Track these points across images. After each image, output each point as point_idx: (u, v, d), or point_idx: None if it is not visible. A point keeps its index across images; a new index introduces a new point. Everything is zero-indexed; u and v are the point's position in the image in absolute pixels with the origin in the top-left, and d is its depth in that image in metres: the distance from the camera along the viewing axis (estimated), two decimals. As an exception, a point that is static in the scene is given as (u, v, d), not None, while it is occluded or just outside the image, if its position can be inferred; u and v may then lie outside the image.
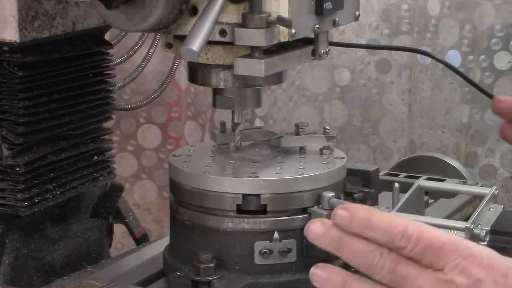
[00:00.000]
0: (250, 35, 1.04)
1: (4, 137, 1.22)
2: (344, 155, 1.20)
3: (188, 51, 1.00)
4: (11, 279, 1.25)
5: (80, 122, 1.31)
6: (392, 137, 1.94)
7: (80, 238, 1.37)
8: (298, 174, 1.12)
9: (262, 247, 1.10)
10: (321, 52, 1.16)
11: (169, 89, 1.98)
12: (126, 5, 1.05)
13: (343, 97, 1.95)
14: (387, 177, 1.42)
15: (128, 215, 1.50)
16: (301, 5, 1.07)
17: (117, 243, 1.98)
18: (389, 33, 1.88)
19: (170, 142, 2.16)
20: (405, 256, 0.83)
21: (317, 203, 1.12)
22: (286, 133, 1.24)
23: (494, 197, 1.28)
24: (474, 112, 1.85)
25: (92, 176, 1.35)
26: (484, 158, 1.87)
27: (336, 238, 0.85)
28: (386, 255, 0.83)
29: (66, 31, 1.26)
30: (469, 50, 1.82)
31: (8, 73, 1.20)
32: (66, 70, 1.28)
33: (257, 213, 1.11)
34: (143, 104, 1.66)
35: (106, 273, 1.22)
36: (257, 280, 1.11)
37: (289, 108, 1.97)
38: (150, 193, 2.19)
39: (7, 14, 1.18)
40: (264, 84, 1.15)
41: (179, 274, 1.12)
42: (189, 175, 1.14)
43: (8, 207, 1.23)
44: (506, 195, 1.86)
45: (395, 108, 1.92)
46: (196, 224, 1.14)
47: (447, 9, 1.82)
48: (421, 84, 1.88)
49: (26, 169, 1.22)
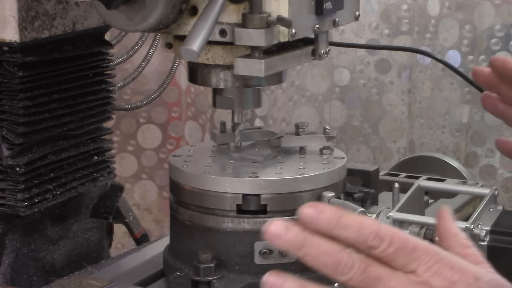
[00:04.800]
0: (250, 35, 1.04)
1: (4, 137, 1.22)
2: (344, 155, 1.20)
3: (188, 51, 1.00)
4: (11, 279, 1.25)
5: (80, 122, 1.31)
6: (392, 137, 1.94)
7: (80, 238, 1.37)
8: (298, 174, 1.12)
9: (262, 247, 1.10)
10: (321, 52, 1.16)
11: (169, 89, 1.98)
12: (126, 5, 1.05)
13: (343, 97, 1.95)
14: (387, 177, 1.42)
15: (128, 215, 1.50)
16: (301, 5, 1.07)
17: (117, 243, 1.98)
18: (389, 33, 1.88)
19: (170, 142, 2.16)
20: (375, 257, 0.81)
21: (317, 203, 1.12)
22: (286, 133, 1.24)
23: (494, 197, 1.28)
24: (474, 112, 1.85)
25: (92, 176, 1.35)
26: (484, 158, 1.87)
27: (299, 236, 0.80)
28: (355, 255, 0.81)
29: (66, 31, 1.26)
30: (469, 50, 1.82)
31: (8, 73, 1.20)
32: (66, 70, 1.28)
33: (257, 213, 1.11)
34: (143, 104, 1.66)
35: (106, 273, 1.22)
36: (257, 280, 1.10)
37: (289, 108, 1.97)
38: (150, 193, 2.19)
39: (7, 14, 1.18)
40: (264, 84, 1.15)
41: (179, 274, 1.12)
42: (189, 175, 1.14)
43: (8, 207, 1.23)
44: (506, 195, 1.86)
45: (395, 108, 1.92)
46: (196, 224, 1.14)
47: (447, 9, 1.82)
48: (421, 84, 1.88)
49: (26, 169, 1.22)
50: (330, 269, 0.81)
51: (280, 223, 0.80)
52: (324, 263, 0.81)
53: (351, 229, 0.80)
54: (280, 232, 0.80)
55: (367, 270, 0.80)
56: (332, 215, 0.81)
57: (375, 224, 0.81)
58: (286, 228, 0.80)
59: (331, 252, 0.80)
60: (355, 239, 0.80)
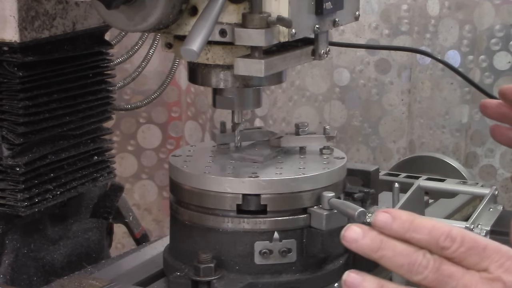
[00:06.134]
0: (250, 35, 1.04)
1: (4, 137, 1.22)
2: (344, 155, 1.20)
3: (188, 51, 1.00)
4: (11, 279, 1.25)
5: (80, 122, 1.31)
6: (391, 137, 1.94)
7: (80, 238, 1.37)
8: (298, 174, 1.12)
9: (262, 247, 1.10)
10: (321, 52, 1.16)
11: (169, 89, 1.98)
12: (126, 5, 1.05)
13: (342, 97, 1.95)
14: (387, 177, 1.42)
15: (128, 215, 1.50)
16: (301, 5, 1.07)
17: (117, 243, 1.98)
18: (388, 33, 1.88)
19: (170, 142, 2.16)
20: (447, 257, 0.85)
21: (317, 203, 1.12)
22: (286, 133, 1.24)
23: (494, 197, 1.28)
24: (474, 112, 1.86)
25: (92, 176, 1.35)
26: (484, 158, 1.87)
27: (376, 240, 0.86)
28: (428, 255, 0.85)
29: (66, 31, 1.26)
30: (469, 50, 1.83)
31: (8, 73, 1.20)
32: (66, 70, 1.28)
33: (257, 213, 1.11)
34: (143, 104, 1.66)
35: (106, 273, 1.21)
36: (257, 280, 1.11)
37: (289, 108, 1.97)
38: (150, 193, 2.19)
39: (7, 14, 1.18)
40: (264, 84, 1.15)
41: (179, 274, 1.12)
42: (189, 175, 1.14)
43: (8, 207, 1.23)
44: (506, 195, 1.87)
45: (394, 108, 1.92)
46: (196, 224, 1.14)
47: (446, 9, 1.82)
48: (421, 84, 1.88)
49: (26, 169, 1.22)
50: (405, 269, 0.85)
51: (357, 228, 0.86)
52: (399, 264, 0.85)
53: (423, 232, 0.85)
54: (357, 236, 0.86)
55: (441, 269, 0.84)
56: (405, 219, 0.86)
57: (446, 226, 0.86)
58: (364, 232, 0.86)
59: (406, 253, 0.85)
60: (427, 241, 0.85)
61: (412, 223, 0.86)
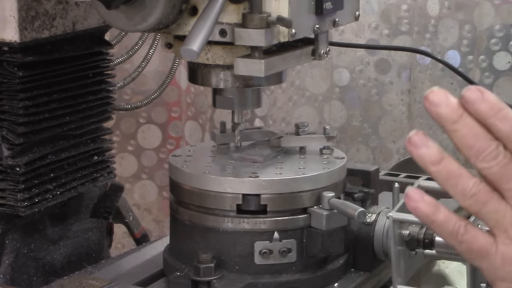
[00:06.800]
0: (250, 35, 1.04)
1: (4, 137, 1.22)
2: (344, 155, 1.20)
3: (188, 51, 1.00)
4: (11, 279, 1.25)
5: (80, 122, 1.31)
6: (391, 137, 1.94)
7: (80, 238, 1.37)
8: (298, 174, 1.12)
9: (262, 247, 1.10)
10: (321, 52, 1.16)
11: (169, 89, 1.98)
12: (126, 5, 1.05)
13: (342, 97, 1.95)
14: (387, 177, 1.42)
15: (128, 215, 1.50)
16: (301, 5, 1.07)
17: (117, 243, 1.98)
18: (388, 33, 1.88)
19: (170, 142, 2.16)
20: None
21: (317, 203, 1.12)
22: (286, 133, 1.24)
23: (494, 197, 1.28)
24: (473, 112, 1.85)
25: (92, 176, 1.35)
26: (484, 158, 1.86)
27: (458, 111, 0.79)
28: (502, 148, 0.80)
29: (66, 31, 1.26)
30: (469, 50, 1.83)
31: (8, 73, 1.20)
32: (66, 70, 1.28)
33: (257, 213, 1.11)
34: (143, 104, 1.66)
35: (106, 273, 1.22)
36: (257, 280, 1.11)
37: (289, 108, 1.97)
38: (150, 193, 2.19)
39: (7, 14, 1.18)
40: (264, 84, 1.15)
41: (179, 274, 1.12)
42: (189, 175, 1.14)
43: (8, 207, 1.23)
44: (506, 195, 1.86)
45: (394, 108, 1.92)
46: (196, 224, 1.14)
47: (446, 9, 1.82)
48: (421, 84, 1.88)
49: (26, 169, 1.22)
50: (473, 152, 0.81)
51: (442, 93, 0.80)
52: (470, 144, 0.80)
53: (507, 123, 0.80)
54: (439, 101, 0.79)
55: (509, 166, 0.80)
56: (494, 104, 0.79)
57: None
58: (447, 100, 0.79)
59: (481, 137, 0.80)
60: (508, 134, 0.80)
61: (500, 111, 0.79)
